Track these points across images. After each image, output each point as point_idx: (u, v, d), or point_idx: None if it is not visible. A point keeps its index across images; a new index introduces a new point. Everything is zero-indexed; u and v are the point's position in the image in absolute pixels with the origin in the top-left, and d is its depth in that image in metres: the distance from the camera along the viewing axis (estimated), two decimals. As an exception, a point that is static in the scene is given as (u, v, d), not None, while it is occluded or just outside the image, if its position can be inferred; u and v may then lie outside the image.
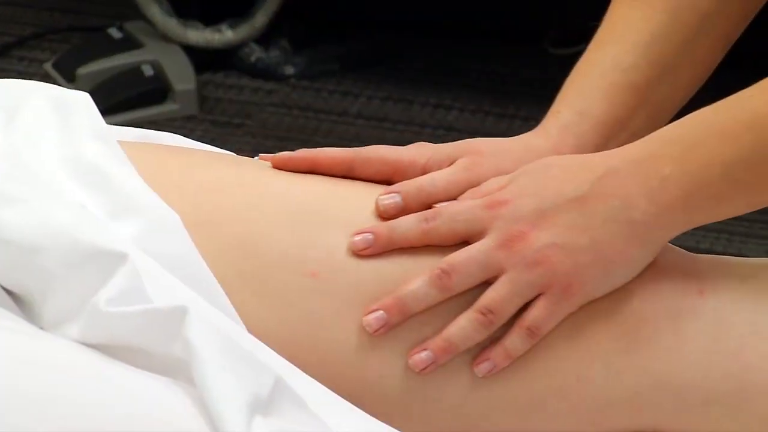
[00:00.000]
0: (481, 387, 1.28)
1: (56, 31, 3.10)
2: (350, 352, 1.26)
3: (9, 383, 1.11)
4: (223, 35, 3.01)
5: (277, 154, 1.34)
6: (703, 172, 1.28)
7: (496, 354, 1.25)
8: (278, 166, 1.34)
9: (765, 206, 1.32)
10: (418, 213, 1.27)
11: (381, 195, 1.28)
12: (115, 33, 3.01)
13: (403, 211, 1.27)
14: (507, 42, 3.06)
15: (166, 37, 3.00)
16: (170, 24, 2.98)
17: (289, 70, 3.02)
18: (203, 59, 3.02)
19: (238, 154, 1.45)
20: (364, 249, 1.26)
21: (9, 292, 1.22)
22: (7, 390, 1.10)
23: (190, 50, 3.00)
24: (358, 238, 1.26)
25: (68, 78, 2.94)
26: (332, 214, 1.33)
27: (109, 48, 2.99)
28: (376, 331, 1.23)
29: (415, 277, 1.25)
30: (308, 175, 1.39)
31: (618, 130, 1.38)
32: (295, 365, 1.17)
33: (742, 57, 1.61)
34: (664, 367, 1.30)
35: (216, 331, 1.14)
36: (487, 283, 1.25)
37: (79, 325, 1.16)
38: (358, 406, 1.17)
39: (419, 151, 1.34)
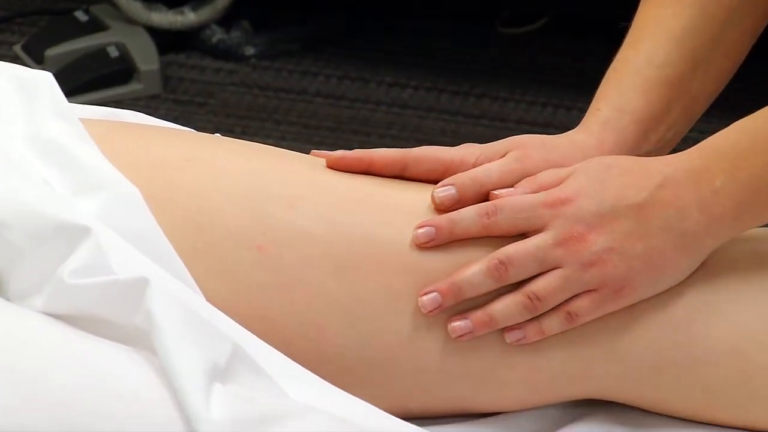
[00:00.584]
0: (437, 358, 1.29)
1: (24, 15, 3.10)
2: (302, 325, 1.27)
3: None
4: (186, 17, 3.02)
5: (331, 153, 1.36)
6: (753, 181, 1.29)
7: (531, 328, 1.26)
8: (331, 166, 1.35)
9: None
10: (479, 206, 1.27)
11: (436, 188, 1.28)
12: (81, 16, 3.02)
13: (458, 203, 1.28)
14: (460, 22, 3.05)
15: (130, 20, 3.01)
16: (134, 6, 3.00)
17: (250, 50, 3.03)
18: (167, 40, 3.03)
19: (200, 131, 1.50)
20: (426, 242, 1.28)
21: None
22: None
23: (154, 32, 3.01)
24: (420, 231, 1.27)
25: (37, 59, 2.95)
26: (278, 190, 1.34)
27: (76, 30, 3.00)
28: (430, 311, 1.25)
29: (471, 264, 1.26)
30: (263, 152, 1.43)
31: (656, 124, 1.40)
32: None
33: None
34: (614, 337, 1.31)
35: (176, 302, 1.16)
36: None
37: (44, 296, 1.18)
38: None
39: (469, 150, 1.35)
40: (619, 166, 1.31)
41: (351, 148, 2.75)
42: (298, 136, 2.85)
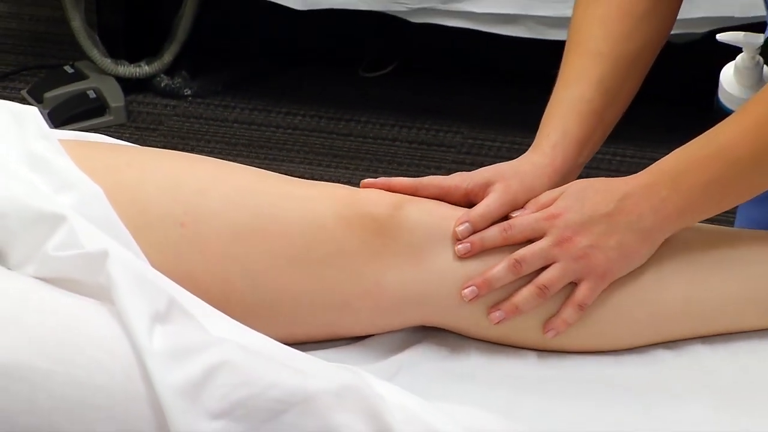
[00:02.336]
0: (308, 297, 1.28)
1: (28, 68, 3.06)
2: (214, 278, 1.26)
3: None
4: (142, 69, 2.99)
5: (364, 180, 1.36)
6: (689, 191, 1.28)
7: (559, 323, 1.28)
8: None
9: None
10: (499, 225, 1.28)
11: (457, 226, 1.28)
12: (69, 69, 3.00)
13: (473, 233, 1.28)
14: (333, 68, 3.04)
15: (103, 71, 2.97)
16: (106, 62, 2.96)
17: (188, 91, 3.01)
18: (130, 85, 3.01)
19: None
20: (465, 254, 1.28)
21: None
22: None
23: (120, 79, 2.99)
24: (461, 246, 1.28)
25: (38, 100, 2.93)
26: (194, 183, 1.32)
27: (65, 79, 2.98)
28: (470, 300, 1.27)
29: (496, 264, 1.27)
30: (186, 158, 1.43)
31: (586, 144, 1.37)
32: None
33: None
34: (443, 277, 1.29)
35: (128, 267, 1.14)
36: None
37: (35, 265, 1.17)
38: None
39: (461, 177, 1.34)
40: (592, 187, 1.31)
41: (259, 159, 2.75)
42: (222, 151, 2.82)
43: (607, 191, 1.30)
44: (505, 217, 1.30)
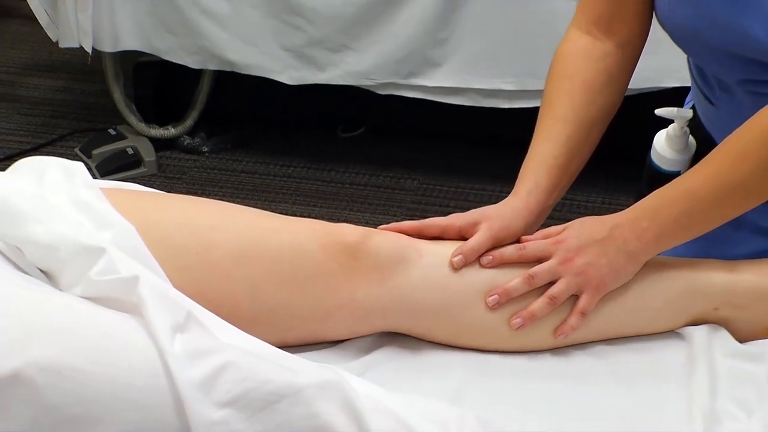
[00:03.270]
0: (297, 310, 1.27)
1: (80, 132, 3.04)
2: (222, 295, 1.25)
3: (41, 314, 1.09)
4: (169, 131, 2.98)
5: (381, 226, 1.35)
6: (664, 223, 1.27)
7: (567, 329, 1.28)
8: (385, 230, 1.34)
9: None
10: (516, 245, 1.30)
11: (453, 257, 1.29)
12: (112, 131, 2.98)
13: (464, 264, 1.29)
14: (317, 129, 3.04)
15: (139, 133, 2.96)
16: (140, 126, 2.96)
17: (205, 148, 3.00)
18: (159, 143, 2.98)
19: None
20: (488, 265, 1.29)
21: (44, 272, 1.21)
22: (40, 316, 1.09)
23: (152, 139, 2.97)
24: (485, 259, 1.29)
25: (87, 156, 2.90)
26: (205, 220, 1.31)
27: (109, 140, 2.95)
28: (493, 306, 1.27)
29: (514, 278, 1.27)
30: (201, 202, 1.39)
31: (553, 192, 1.36)
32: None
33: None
34: (403, 292, 1.29)
35: (154, 288, 1.13)
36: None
37: (80, 287, 1.15)
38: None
39: (456, 218, 1.33)
40: (588, 221, 1.30)
41: (260, 201, 2.72)
42: (231, 195, 2.81)
43: (601, 223, 1.29)
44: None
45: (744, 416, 1.21)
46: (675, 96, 1.52)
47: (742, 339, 1.32)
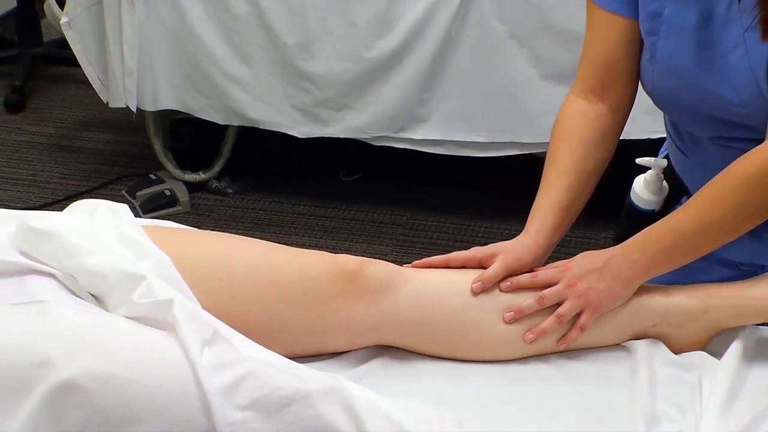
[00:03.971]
0: (303, 327, 1.26)
1: (126, 176, 3.02)
2: (242, 315, 1.23)
3: (91, 332, 1.08)
4: (200, 176, 2.96)
5: (415, 262, 1.36)
6: (652, 255, 1.27)
7: (569, 339, 1.28)
8: (415, 266, 1.34)
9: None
10: (530, 274, 1.30)
11: (474, 283, 1.29)
12: (152, 176, 2.96)
13: (482, 290, 1.29)
14: (322, 174, 3.03)
15: (175, 177, 2.95)
16: (176, 172, 2.95)
17: (230, 190, 2.98)
18: (192, 186, 2.96)
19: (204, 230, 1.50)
20: (507, 288, 1.29)
21: (94, 296, 1.20)
22: (90, 333, 1.08)
23: (186, 182, 2.95)
24: (504, 285, 1.29)
25: (132, 197, 2.88)
26: (227, 252, 1.30)
27: (150, 183, 2.94)
28: (509, 321, 1.27)
29: (528, 299, 1.27)
30: (224, 236, 1.39)
31: (557, 231, 1.35)
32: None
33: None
34: (392, 312, 1.27)
35: (185, 309, 1.12)
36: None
37: (124, 309, 1.15)
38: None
39: (476, 251, 1.32)
40: (589, 254, 1.30)
41: (275, 234, 2.69)
42: (251, 229, 2.79)
43: (599, 255, 1.28)
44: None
45: (679, 416, 1.20)
46: (652, 146, 1.51)
47: (676, 351, 1.31)
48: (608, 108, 1.37)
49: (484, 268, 1.30)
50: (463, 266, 1.32)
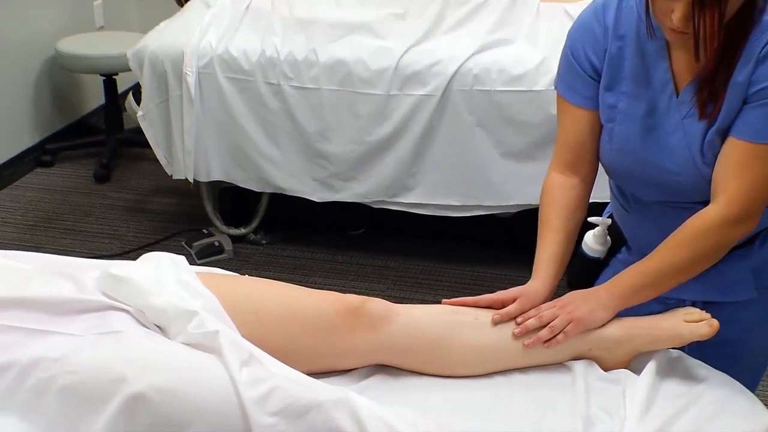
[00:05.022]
0: (317, 352, 1.23)
1: (185, 231, 2.98)
2: (272, 342, 1.21)
3: (156, 354, 1.08)
4: (240, 231, 2.93)
5: (445, 300, 1.33)
6: (625, 289, 1.26)
7: (554, 342, 1.26)
8: (445, 302, 1.32)
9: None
10: (535, 309, 1.28)
11: (494, 317, 1.28)
12: (205, 231, 2.91)
13: (500, 322, 1.28)
14: (332, 229, 3.00)
15: (222, 232, 2.91)
16: (223, 227, 2.92)
17: (264, 241, 2.94)
18: (235, 238, 2.91)
19: (241, 274, 1.45)
20: (521, 321, 1.27)
21: (159, 327, 1.19)
22: (155, 355, 1.08)
23: (230, 235, 2.91)
24: (517, 330, 1.27)
25: (190, 247, 2.84)
26: (260, 293, 1.28)
27: (203, 236, 2.89)
28: (518, 334, 1.27)
29: (531, 318, 1.27)
30: (256, 281, 1.36)
31: (556, 277, 1.33)
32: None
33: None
34: (387, 339, 1.26)
35: (228, 337, 1.13)
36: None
37: (182, 337, 1.15)
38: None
39: (499, 294, 1.31)
40: (576, 292, 1.30)
41: (298, 276, 2.65)
42: (279, 272, 2.75)
43: (585, 290, 1.29)
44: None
45: (608, 418, 1.20)
46: (598, 208, 1.51)
47: (605, 368, 1.31)
48: (580, 179, 1.34)
49: (503, 305, 1.31)
50: (489, 306, 1.30)
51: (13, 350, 1.05)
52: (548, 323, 1.25)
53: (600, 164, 1.35)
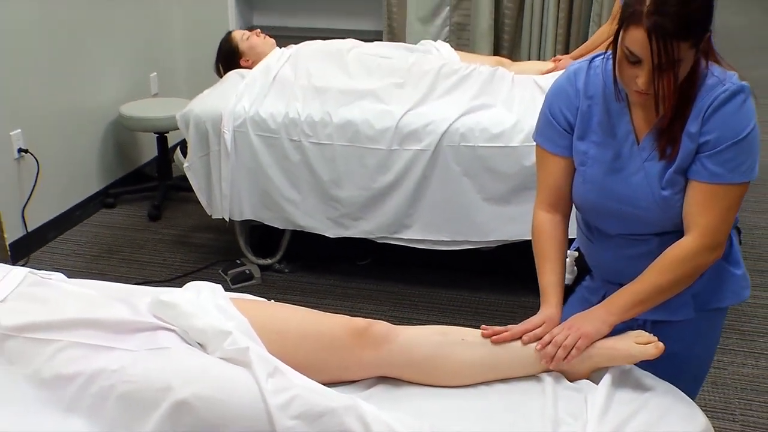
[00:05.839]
0: (332, 365, 1.21)
1: (222, 261, 2.95)
2: (294, 358, 1.18)
3: (197, 367, 1.08)
4: (267, 261, 2.91)
5: (484, 328, 1.28)
6: (618, 307, 1.24)
7: (570, 356, 1.25)
8: (484, 335, 1.27)
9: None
10: (549, 334, 1.26)
11: (524, 337, 1.26)
12: (238, 261, 2.89)
13: (530, 342, 1.26)
14: (344, 260, 2.96)
15: (252, 262, 2.89)
16: (253, 258, 2.91)
17: (286, 270, 2.92)
18: (263, 267, 2.89)
19: (268, 299, 1.44)
20: (541, 344, 1.25)
21: (200, 344, 1.18)
22: (197, 368, 1.07)
23: (259, 265, 2.89)
24: (539, 345, 1.25)
25: (225, 274, 2.81)
26: (283, 315, 1.26)
27: (237, 266, 2.86)
28: (539, 350, 1.25)
29: (545, 339, 1.24)
30: (284, 307, 1.32)
31: (561, 302, 1.31)
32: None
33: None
34: (388, 356, 1.23)
35: (257, 353, 1.14)
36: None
37: (218, 353, 1.14)
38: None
39: (528, 322, 1.28)
40: (578, 315, 1.27)
41: (314, 299, 2.61)
42: (298, 297, 2.70)
43: (588, 311, 1.27)
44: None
45: (573, 421, 1.20)
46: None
47: (570, 380, 1.30)
48: (561, 216, 1.34)
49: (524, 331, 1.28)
50: (523, 332, 1.27)
51: (80, 362, 1.06)
52: (562, 343, 1.24)
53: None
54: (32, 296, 1.16)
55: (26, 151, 2.87)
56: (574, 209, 1.36)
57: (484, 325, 1.30)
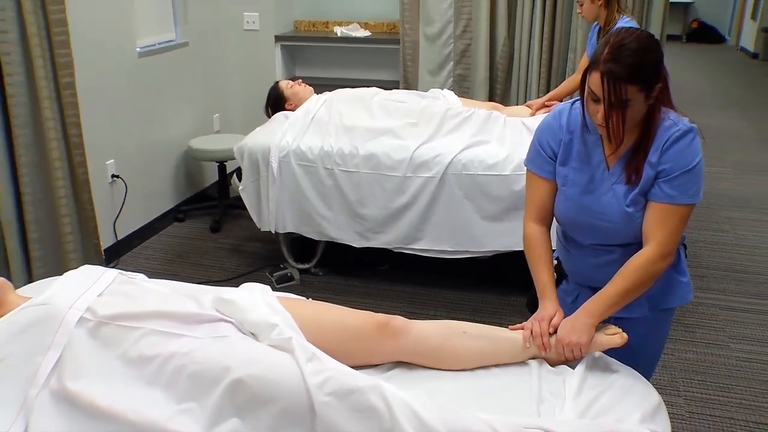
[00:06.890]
0: (356, 350, 1.21)
1: (269, 265, 2.93)
2: (327, 346, 1.18)
3: (250, 351, 1.06)
4: (305, 266, 2.90)
5: (511, 326, 1.26)
6: (599, 310, 1.22)
7: (573, 357, 1.22)
8: (512, 328, 1.25)
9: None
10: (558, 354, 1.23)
11: (534, 333, 1.23)
12: (282, 266, 2.87)
13: (539, 335, 1.23)
14: (367, 267, 2.93)
15: (293, 266, 2.88)
16: (293, 263, 2.90)
17: (320, 273, 2.90)
18: (302, 271, 2.87)
19: (306, 297, 1.43)
20: (540, 343, 1.23)
21: (253, 334, 1.15)
22: (250, 352, 1.06)
23: (299, 269, 2.87)
24: (541, 344, 1.23)
25: (271, 276, 2.79)
26: (316, 310, 1.24)
27: (281, 269, 2.85)
28: (543, 347, 1.23)
29: (550, 342, 1.21)
30: (320, 304, 1.31)
31: (556, 297, 1.28)
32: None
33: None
34: (405, 345, 1.23)
35: (298, 341, 1.12)
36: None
37: (267, 341, 1.13)
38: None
39: (544, 317, 1.25)
40: (565, 322, 1.24)
41: (343, 296, 2.56)
42: (330, 294, 2.67)
43: (574, 316, 1.24)
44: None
45: (553, 399, 1.19)
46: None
47: (552, 364, 1.30)
48: (546, 227, 1.33)
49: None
50: (547, 324, 1.25)
51: (158, 346, 1.08)
52: (567, 357, 1.25)
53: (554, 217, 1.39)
54: (122, 292, 1.18)
55: (117, 177, 2.98)
56: (554, 224, 1.37)
57: (510, 325, 1.29)
